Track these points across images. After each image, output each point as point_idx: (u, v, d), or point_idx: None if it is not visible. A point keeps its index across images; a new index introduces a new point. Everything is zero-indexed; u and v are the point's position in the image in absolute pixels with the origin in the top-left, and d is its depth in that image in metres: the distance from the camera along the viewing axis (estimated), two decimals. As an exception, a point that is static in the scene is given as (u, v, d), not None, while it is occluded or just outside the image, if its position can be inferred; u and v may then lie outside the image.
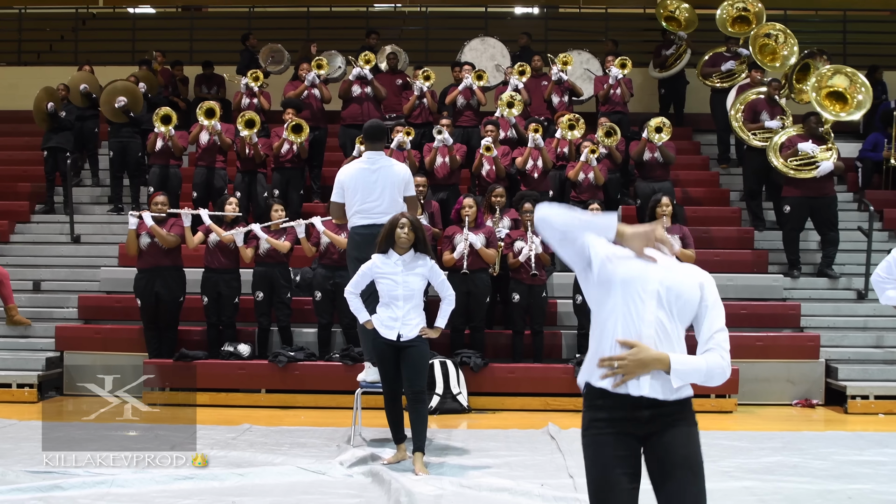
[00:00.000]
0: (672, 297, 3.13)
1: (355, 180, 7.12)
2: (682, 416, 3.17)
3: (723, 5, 13.00)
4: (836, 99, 10.71)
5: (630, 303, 3.10)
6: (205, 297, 9.37)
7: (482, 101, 12.14)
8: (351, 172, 7.22)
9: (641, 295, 3.11)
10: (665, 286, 3.13)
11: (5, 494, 5.41)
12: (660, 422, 3.12)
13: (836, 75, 10.83)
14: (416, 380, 6.34)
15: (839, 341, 9.80)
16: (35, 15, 17.38)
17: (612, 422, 3.12)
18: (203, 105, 11.13)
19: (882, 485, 6.00)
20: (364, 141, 7.51)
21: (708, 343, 3.19)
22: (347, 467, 6.28)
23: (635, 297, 3.10)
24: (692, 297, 3.16)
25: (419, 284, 6.33)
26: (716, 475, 6.22)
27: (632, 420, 3.11)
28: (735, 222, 11.89)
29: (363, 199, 7.04)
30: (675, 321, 3.14)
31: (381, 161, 7.20)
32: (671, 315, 3.13)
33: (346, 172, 7.27)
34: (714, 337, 3.19)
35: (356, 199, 7.09)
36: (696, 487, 3.11)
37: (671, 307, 3.12)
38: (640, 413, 3.10)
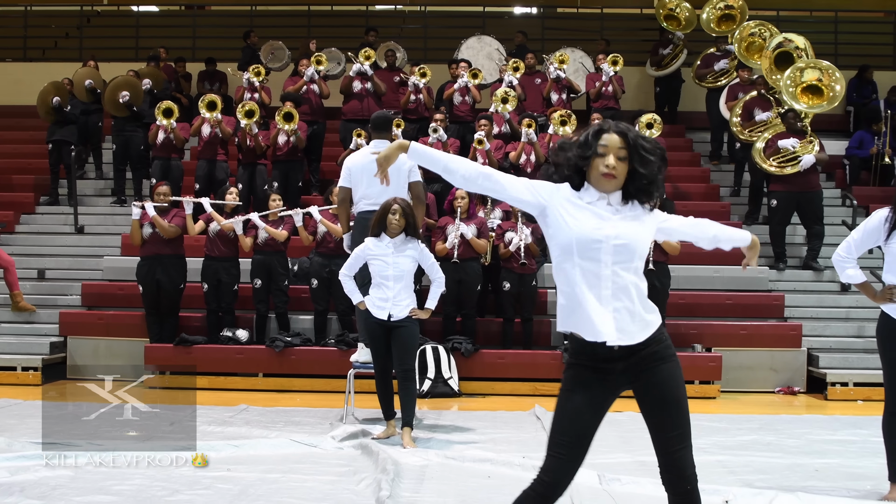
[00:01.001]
0: (626, 252, 3.30)
1: (362, 167, 7.38)
2: (657, 355, 3.35)
3: (706, 8, 13.27)
4: (813, 92, 10.92)
5: (587, 262, 3.30)
6: (205, 284, 9.65)
7: (477, 98, 12.43)
8: (358, 160, 7.49)
9: (596, 255, 3.30)
10: (616, 243, 3.29)
11: (11, 461, 5.68)
12: (636, 368, 3.34)
13: (808, 69, 11.01)
14: (405, 358, 6.62)
15: (821, 331, 10.07)
16: (40, 12, 17.64)
17: (592, 369, 3.36)
18: (205, 98, 11.43)
19: (849, 460, 6.26)
20: (371, 130, 7.75)
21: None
22: (339, 441, 6.55)
23: (591, 256, 3.30)
24: (645, 244, 3.36)
25: (409, 266, 6.61)
26: (691, 450, 6.50)
27: (608, 371, 3.34)
28: (724, 217, 12.10)
29: (368, 186, 7.31)
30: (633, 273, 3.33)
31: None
32: (629, 268, 3.32)
33: (353, 159, 7.55)
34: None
35: (362, 186, 7.36)
36: (680, 423, 3.34)
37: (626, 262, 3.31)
38: (615, 365, 3.33)
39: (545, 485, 3.37)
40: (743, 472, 5.86)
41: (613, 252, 3.28)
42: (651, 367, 3.34)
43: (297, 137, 11.35)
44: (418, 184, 7.47)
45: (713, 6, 13.29)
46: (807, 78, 10.87)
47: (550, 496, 3.38)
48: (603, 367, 3.34)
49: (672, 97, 14.68)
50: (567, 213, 3.34)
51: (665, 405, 3.34)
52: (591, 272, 3.30)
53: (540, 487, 3.38)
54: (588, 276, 3.30)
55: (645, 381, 3.35)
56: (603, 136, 3.30)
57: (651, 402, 3.36)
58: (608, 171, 3.27)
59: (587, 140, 3.34)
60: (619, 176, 3.29)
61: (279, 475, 5.61)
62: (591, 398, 3.36)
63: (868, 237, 5.12)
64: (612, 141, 3.29)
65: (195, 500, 5.03)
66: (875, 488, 5.38)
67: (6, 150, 14.12)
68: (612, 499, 5.12)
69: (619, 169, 3.28)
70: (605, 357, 3.32)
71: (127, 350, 9.83)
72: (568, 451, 3.35)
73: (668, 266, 9.49)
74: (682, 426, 3.34)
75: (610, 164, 3.27)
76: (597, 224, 3.30)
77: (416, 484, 5.43)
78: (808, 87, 10.85)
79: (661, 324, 3.40)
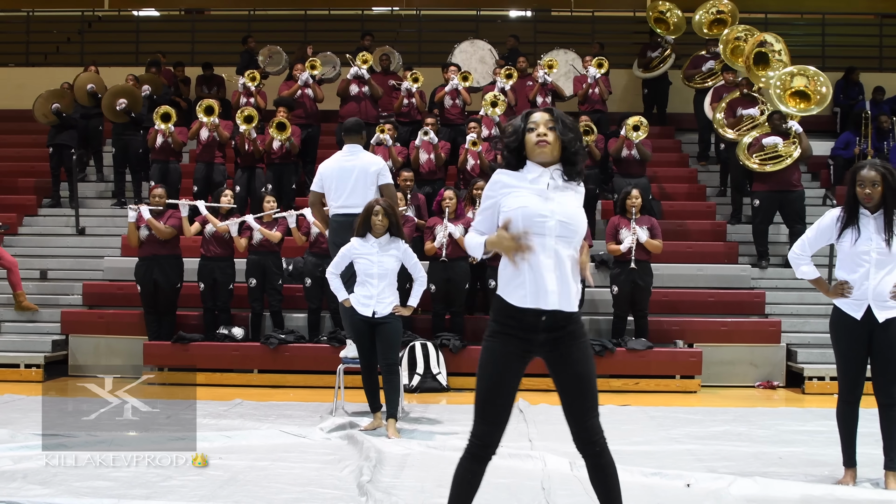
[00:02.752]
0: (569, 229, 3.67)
1: (333, 171, 7.71)
2: (574, 334, 3.71)
3: (699, 11, 13.56)
4: (800, 97, 11.22)
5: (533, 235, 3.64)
6: (201, 283, 9.95)
7: (467, 100, 12.74)
8: (330, 165, 7.81)
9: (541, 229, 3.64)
10: (560, 218, 3.65)
11: (14, 451, 5.99)
12: (554, 342, 3.69)
13: (796, 76, 11.30)
14: (389, 353, 6.93)
15: (800, 327, 10.36)
16: (42, 17, 17.96)
17: (516, 337, 3.70)
18: (203, 102, 11.75)
19: (814, 448, 6.56)
20: (343, 135, 8.08)
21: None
22: (327, 432, 6.86)
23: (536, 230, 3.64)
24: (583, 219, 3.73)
25: (393, 265, 6.92)
26: (663, 440, 6.82)
27: (530, 341, 3.68)
28: (710, 216, 12.45)
29: (339, 189, 7.62)
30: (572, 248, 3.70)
31: (357, 154, 7.79)
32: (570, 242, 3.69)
33: (326, 165, 7.87)
34: None
35: (333, 189, 7.68)
36: (591, 396, 3.72)
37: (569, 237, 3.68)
38: (538, 335, 3.67)
39: (479, 447, 3.77)
40: (709, 460, 6.16)
41: (558, 227, 3.65)
42: (568, 344, 3.70)
43: (291, 143, 11.65)
44: (388, 186, 7.77)
45: (706, 10, 13.59)
46: (796, 84, 11.16)
47: (485, 457, 3.79)
48: (526, 337, 3.69)
49: (660, 99, 14.95)
50: (512, 195, 3.72)
51: (580, 380, 3.71)
52: (537, 244, 3.64)
53: (475, 449, 3.78)
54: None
55: (562, 357, 3.71)
56: (532, 115, 3.76)
57: (568, 378, 3.73)
58: (540, 138, 3.69)
59: (519, 122, 3.77)
60: (552, 143, 3.69)
61: (268, 463, 5.93)
62: (513, 367, 3.73)
63: (821, 235, 5.42)
64: (541, 117, 3.74)
65: (187, 485, 5.34)
66: (832, 473, 5.68)
67: (9, 154, 14.45)
68: (582, 484, 5.39)
69: (551, 136, 3.69)
70: (530, 326, 3.67)
71: (126, 348, 10.15)
72: (496, 417, 3.73)
73: (650, 264, 9.77)
74: (593, 398, 3.73)
75: (541, 132, 3.69)
76: (541, 200, 3.67)
77: (396, 470, 5.74)
78: (795, 92, 11.15)
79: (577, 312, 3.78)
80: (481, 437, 3.75)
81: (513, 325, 3.70)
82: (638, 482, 5.40)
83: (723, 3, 13.47)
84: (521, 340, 3.70)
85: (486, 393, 3.74)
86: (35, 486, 5.21)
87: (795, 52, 12.15)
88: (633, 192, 9.70)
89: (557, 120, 3.72)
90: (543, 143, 3.67)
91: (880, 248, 5.19)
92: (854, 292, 5.26)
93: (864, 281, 5.23)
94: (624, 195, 9.79)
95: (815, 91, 11.06)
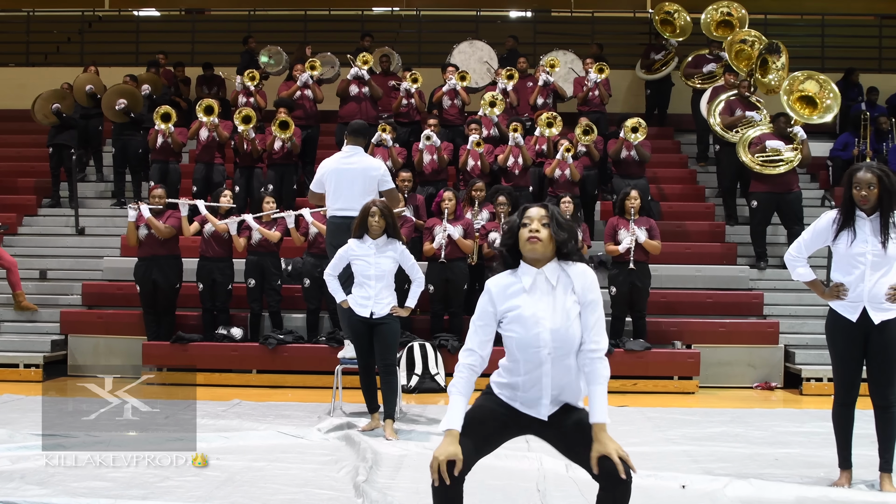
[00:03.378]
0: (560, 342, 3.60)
1: (333, 172, 7.76)
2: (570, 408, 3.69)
3: (708, 9, 13.56)
4: (807, 103, 11.24)
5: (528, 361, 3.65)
6: (200, 283, 9.97)
7: (466, 100, 12.75)
8: (330, 165, 7.85)
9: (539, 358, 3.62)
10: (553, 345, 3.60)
11: (13, 451, 6.01)
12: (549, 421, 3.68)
13: (807, 80, 11.34)
14: (387, 354, 6.95)
15: (799, 328, 10.37)
16: (42, 17, 17.99)
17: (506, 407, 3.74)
18: (202, 102, 11.76)
19: (810, 449, 6.57)
20: (347, 136, 8.11)
21: (585, 346, 3.62)
22: (324, 433, 6.88)
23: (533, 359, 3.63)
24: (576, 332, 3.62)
25: (390, 266, 6.94)
26: (659, 441, 6.84)
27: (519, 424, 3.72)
28: (709, 217, 12.46)
29: (338, 190, 7.66)
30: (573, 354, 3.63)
31: (357, 155, 7.81)
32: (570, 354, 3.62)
33: (326, 165, 7.90)
34: (589, 338, 3.62)
35: (331, 189, 7.71)
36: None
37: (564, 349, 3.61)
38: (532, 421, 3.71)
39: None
40: (705, 461, 6.18)
41: (554, 352, 3.60)
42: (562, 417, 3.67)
43: (293, 143, 11.67)
44: (391, 191, 7.80)
45: (715, 9, 13.58)
46: (805, 87, 11.18)
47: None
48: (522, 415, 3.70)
49: (662, 100, 14.97)
50: (509, 312, 3.68)
51: (584, 430, 3.57)
52: (533, 367, 3.64)
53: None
54: (531, 369, 3.64)
55: (558, 427, 3.66)
56: (528, 210, 3.69)
57: (570, 436, 3.63)
58: (532, 234, 3.62)
59: (515, 219, 3.71)
60: (544, 240, 3.63)
61: (265, 464, 5.95)
62: (501, 428, 3.72)
63: (817, 237, 5.44)
64: (536, 212, 3.67)
65: (184, 485, 5.36)
66: (828, 475, 5.69)
67: (9, 154, 14.47)
68: (577, 485, 5.43)
69: (543, 234, 3.63)
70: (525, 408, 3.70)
71: (126, 348, 10.17)
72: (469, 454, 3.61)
73: (649, 265, 9.78)
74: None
75: (533, 228, 3.63)
76: (535, 330, 3.61)
77: (392, 471, 5.77)
78: (803, 97, 11.17)
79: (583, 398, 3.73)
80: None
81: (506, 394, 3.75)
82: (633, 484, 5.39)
83: (734, 6, 13.46)
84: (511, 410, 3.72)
85: (465, 428, 3.62)
86: (33, 487, 5.23)
87: (795, 53, 12.18)
88: (632, 194, 9.71)
89: (552, 217, 3.65)
90: (535, 240, 3.61)
91: (876, 250, 5.20)
92: (850, 294, 5.28)
93: (860, 283, 5.25)
94: (623, 196, 9.81)
95: (822, 100, 11.09)
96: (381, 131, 11.34)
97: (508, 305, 3.67)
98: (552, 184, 11.25)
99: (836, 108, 11.38)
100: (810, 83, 11.33)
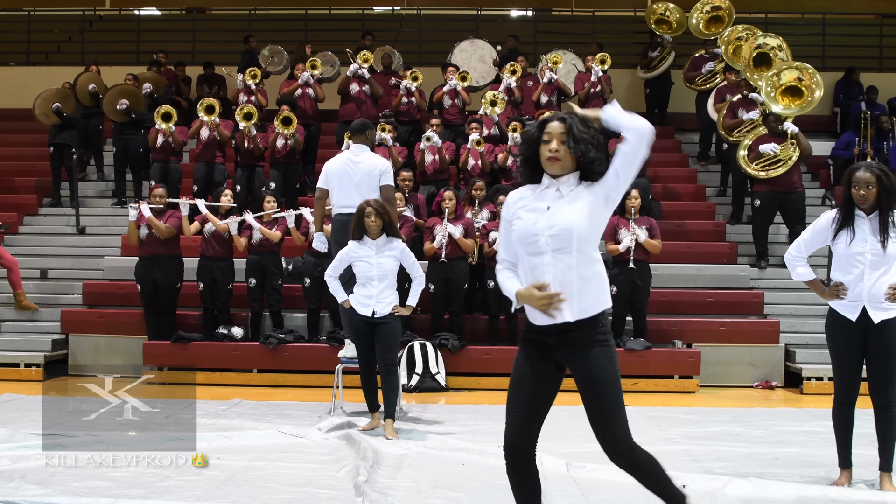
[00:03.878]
0: (559, 231, 3.61)
1: (338, 170, 7.77)
2: (589, 338, 3.67)
3: (694, 11, 13.53)
4: (793, 94, 11.20)
5: (531, 255, 3.68)
6: (201, 283, 9.97)
7: (466, 100, 12.76)
8: (336, 163, 7.88)
9: (538, 248, 3.66)
10: (551, 233, 3.62)
11: (13, 451, 6.02)
12: (568, 346, 3.67)
13: (785, 70, 11.26)
14: (388, 353, 6.94)
15: (799, 327, 10.37)
16: (43, 16, 17.98)
17: (534, 343, 3.73)
18: (203, 102, 11.78)
19: (810, 449, 6.57)
20: (350, 135, 8.12)
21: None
22: (325, 432, 6.88)
23: (532, 250, 3.67)
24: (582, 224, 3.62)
25: (391, 266, 6.94)
26: (659, 441, 6.83)
27: (545, 345, 3.70)
28: (710, 216, 12.46)
29: (342, 189, 7.67)
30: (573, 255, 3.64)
31: (362, 154, 7.83)
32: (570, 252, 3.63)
33: (332, 163, 7.93)
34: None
35: (335, 188, 7.72)
36: (603, 400, 3.65)
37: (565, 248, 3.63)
38: (548, 339, 3.68)
39: (509, 455, 3.75)
40: (705, 461, 6.18)
41: (551, 241, 3.62)
42: (583, 349, 3.66)
43: (296, 140, 11.68)
44: (388, 187, 7.81)
45: (700, 10, 13.57)
46: (785, 79, 11.13)
47: (520, 464, 3.76)
48: (541, 340, 3.69)
49: (662, 99, 14.96)
50: (516, 217, 3.73)
51: (594, 383, 3.65)
52: (535, 263, 3.66)
53: (507, 460, 3.77)
54: (534, 265, 3.67)
55: (578, 361, 3.67)
56: (548, 124, 3.67)
57: (582, 381, 3.68)
58: (551, 154, 3.63)
59: (534, 131, 3.71)
60: (563, 158, 3.64)
61: (265, 463, 5.95)
62: (533, 369, 3.72)
63: (817, 237, 5.43)
64: (554, 128, 3.65)
65: (185, 485, 5.37)
66: (828, 474, 5.68)
67: (9, 153, 14.48)
68: (576, 484, 5.44)
69: (563, 152, 3.62)
70: (541, 330, 3.67)
71: (126, 347, 10.18)
72: (519, 422, 3.70)
73: (649, 265, 9.78)
74: (610, 403, 3.65)
75: (553, 148, 3.62)
76: (533, 219, 3.66)
77: (393, 471, 5.77)
78: (787, 89, 11.13)
79: (602, 311, 3.71)
80: (510, 445, 3.75)
81: (529, 331, 3.75)
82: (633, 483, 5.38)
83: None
84: (537, 343, 3.72)
85: (508, 397, 3.75)
86: (33, 486, 5.23)
87: (795, 53, 12.12)
88: (633, 193, 9.70)
89: (569, 131, 3.63)
90: (553, 160, 3.62)
91: (875, 249, 5.20)
92: (849, 294, 5.27)
93: (859, 282, 5.24)
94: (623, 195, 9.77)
95: (808, 87, 11.03)
96: (381, 130, 11.34)
97: (519, 204, 3.75)
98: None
99: (821, 88, 11.22)
100: (789, 73, 11.22)
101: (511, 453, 3.76)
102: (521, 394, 3.73)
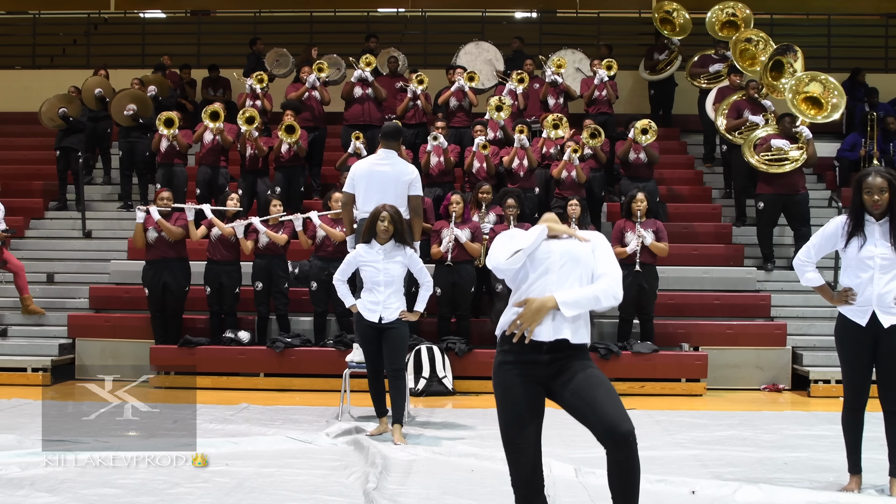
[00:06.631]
0: (569, 262, 3.74)
1: (366, 175, 7.77)
2: (580, 361, 3.73)
3: (713, 9, 13.53)
4: (812, 104, 11.23)
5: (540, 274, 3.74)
6: (207, 287, 9.98)
7: (474, 102, 12.74)
8: (363, 167, 7.88)
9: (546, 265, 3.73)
10: (563, 256, 3.74)
11: (22, 457, 6.02)
12: (558, 365, 3.69)
13: (812, 82, 11.34)
14: (395, 358, 6.94)
15: (806, 330, 10.36)
16: (49, 20, 17.99)
17: (517, 364, 3.71)
18: (208, 109, 11.76)
19: (819, 453, 6.55)
20: (381, 139, 8.11)
21: (597, 279, 3.77)
22: (333, 438, 6.88)
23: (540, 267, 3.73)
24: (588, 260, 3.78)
25: (399, 271, 6.93)
26: (668, 445, 6.82)
27: (534, 363, 3.69)
28: (715, 218, 12.45)
29: (368, 193, 7.66)
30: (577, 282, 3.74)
31: (392, 160, 7.84)
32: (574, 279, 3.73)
33: (358, 167, 7.93)
34: (602, 274, 3.77)
35: (361, 192, 7.72)
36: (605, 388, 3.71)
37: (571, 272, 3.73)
38: (541, 356, 3.68)
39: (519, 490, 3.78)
40: (715, 465, 6.16)
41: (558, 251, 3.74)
42: (570, 371, 3.71)
43: (299, 146, 11.67)
44: (416, 198, 7.81)
45: (720, 9, 13.55)
46: (810, 89, 11.17)
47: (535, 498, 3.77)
48: (531, 360, 3.70)
49: (666, 100, 14.95)
50: None
51: (591, 377, 3.71)
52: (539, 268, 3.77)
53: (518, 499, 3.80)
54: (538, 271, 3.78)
55: (571, 368, 3.71)
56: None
57: (579, 380, 3.70)
58: None
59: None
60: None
61: (274, 469, 5.95)
62: (530, 402, 3.73)
63: (826, 242, 5.43)
64: None
65: (194, 492, 5.36)
66: (837, 480, 5.67)
67: (16, 157, 14.50)
68: (586, 490, 5.42)
69: None
70: (533, 347, 3.69)
71: (133, 351, 10.19)
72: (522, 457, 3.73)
73: (656, 267, 9.78)
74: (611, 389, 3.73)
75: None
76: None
77: (402, 477, 5.76)
78: (808, 98, 11.17)
79: (587, 346, 3.81)
80: (524, 482, 3.76)
81: (514, 351, 3.74)
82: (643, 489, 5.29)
83: (738, 6, 13.43)
84: (525, 365, 3.72)
85: (506, 433, 3.77)
86: (43, 494, 5.23)
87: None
88: (639, 196, 9.70)
89: None
90: None
91: (885, 253, 5.19)
92: (858, 298, 5.26)
93: (869, 286, 5.23)
94: (629, 198, 9.79)
95: (828, 101, 11.08)
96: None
97: None
98: (558, 185, 11.24)
99: (842, 106, 11.35)
100: (815, 85, 11.31)
101: (525, 489, 3.76)
102: (524, 431, 3.72)
